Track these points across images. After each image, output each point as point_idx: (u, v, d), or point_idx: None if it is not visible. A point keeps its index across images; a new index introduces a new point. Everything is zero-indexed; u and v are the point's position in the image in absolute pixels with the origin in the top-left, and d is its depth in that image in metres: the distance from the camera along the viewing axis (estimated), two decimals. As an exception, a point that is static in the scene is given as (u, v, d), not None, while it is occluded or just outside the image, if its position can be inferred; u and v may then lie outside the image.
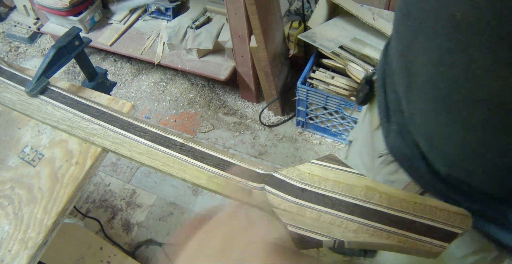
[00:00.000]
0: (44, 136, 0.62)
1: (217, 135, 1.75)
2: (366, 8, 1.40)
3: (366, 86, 0.60)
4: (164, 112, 1.85)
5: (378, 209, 0.44)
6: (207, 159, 0.53)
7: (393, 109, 0.48)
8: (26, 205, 0.56)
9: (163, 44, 1.76)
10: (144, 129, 0.57)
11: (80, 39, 0.69)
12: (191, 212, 1.55)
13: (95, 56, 2.10)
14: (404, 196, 0.45)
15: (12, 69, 0.67)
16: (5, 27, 2.25)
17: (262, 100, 1.83)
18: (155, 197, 1.60)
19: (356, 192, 0.45)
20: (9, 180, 0.58)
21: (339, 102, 1.41)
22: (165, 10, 1.81)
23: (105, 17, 1.88)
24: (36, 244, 0.53)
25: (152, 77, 1.99)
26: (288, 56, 1.72)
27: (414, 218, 0.43)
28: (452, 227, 0.42)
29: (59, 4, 1.71)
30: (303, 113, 1.60)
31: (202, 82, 1.94)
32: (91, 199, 1.61)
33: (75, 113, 0.61)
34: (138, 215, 1.56)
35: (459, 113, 0.32)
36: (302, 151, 1.68)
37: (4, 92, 0.64)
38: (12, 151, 0.61)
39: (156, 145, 0.55)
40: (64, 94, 0.63)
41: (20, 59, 2.15)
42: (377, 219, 0.43)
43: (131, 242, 1.49)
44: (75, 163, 0.59)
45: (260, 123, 1.77)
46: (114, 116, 0.59)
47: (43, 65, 0.64)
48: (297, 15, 1.64)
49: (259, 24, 1.34)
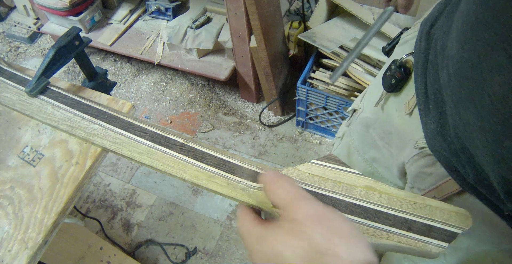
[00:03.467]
0: (44, 136, 0.62)
1: (217, 135, 1.75)
2: (366, 8, 1.40)
3: (400, 70, 0.54)
4: (164, 112, 1.85)
5: (378, 209, 0.44)
6: (207, 159, 0.53)
7: (434, 102, 0.44)
8: (26, 205, 0.56)
9: (163, 44, 1.76)
10: (144, 129, 0.57)
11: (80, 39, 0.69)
12: (191, 212, 1.55)
13: (95, 56, 2.10)
14: (404, 196, 0.45)
15: (12, 69, 0.67)
16: (5, 27, 2.25)
17: (262, 100, 1.83)
18: (155, 197, 1.60)
19: (356, 192, 0.45)
20: (9, 180, 0.58)
21: (339, 102, 1.41)
22: (165, 10, 1.81)
23: (105, 17, 1.88)
24: (36, 244, 0.53)
25: (152, 77, 1.99)
26: (288, 56, 1.72)
27: (414, 218, 0.43)
28: (452, 226, 0.42)
29: (59, 4, 1.71)
30: (303, 113, 1.60)
31: (202, 82, 1.94)
32: (91, 199, 1.61)
33: (75, 113, 0.61)
34: (138, 215, 1.56)
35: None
36: (302, 151, 1.68)
37: (4, 92, 0.64)
38: (12, 151, 0.61)
39: (156, 145, 0.55)
40: (64, 94, 0.63)
41: (20, 59, 2.15)
42: (377, 219, 0.43)
43: (131, 242, 1.49)
44: (75, 163, 0.59)
45: (260, 123, 1.77)
46: (114, 116, 0.59)
47: (43, 65, 0.64)
48: (297, 15, 1.64)
49: (259, 24, 1.34)
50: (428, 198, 0.44)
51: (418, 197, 0.44)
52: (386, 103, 0.60)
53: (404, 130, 0.55)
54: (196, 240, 1.48)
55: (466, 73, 0.33)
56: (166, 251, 1.46)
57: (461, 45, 0.33)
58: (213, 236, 1.49)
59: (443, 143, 0.43)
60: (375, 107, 0.63)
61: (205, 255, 1.45)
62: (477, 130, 0.33)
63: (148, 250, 1.47)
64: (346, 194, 0.45)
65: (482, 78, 0.30)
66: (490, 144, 0.32)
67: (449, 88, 0.38)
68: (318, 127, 1.66)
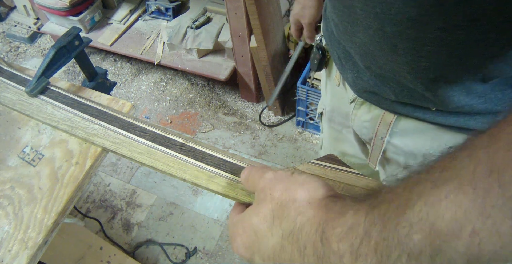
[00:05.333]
0: (44, 136, 0.62)
1: (217, 135, 1.75)
2: None
3: (318, 52, 0.69)
4: (164, 112, 1.85)
5: (378, 209, 0.44)
6: (207, 159, 0.53)
7: (344, 58, 0.56)
8: (26, 205, 0.56)
9: (163, 44, 1.76)
10: (144, 129, 0.57)
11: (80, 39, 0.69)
12: (191, 212, 1.55)
13: (95, 56, 2.10)
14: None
15: (12, 69, 0.68)
16: (5, 27, 2.25)
17: (262, 100, 1.83)
18: (155, 197, 1.60)
19: (356, 192, 0.46)
20: (9, 180, 0.58)
21: (339, 102, 1.41)
22: (165, 10, 1.81)
23: (105, 17, 1.88)
24: (36, 244, 0.53)
25: (152, 77, 1.99)
26: (288, 56, 1.72)
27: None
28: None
29: (59, 4, 1.71)
30: (303, 113, 1.60)
31: (202, 82, 1.94)
32: (91, 199, 1.61)
33: (75, 113, 0.61)
34: (138, 215, 1.56)
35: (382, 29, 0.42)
36: (302, 151, 1.68)
37: (4, 92, 0.64)
38: (12, 151, 0.61)
39: (156, 145, 0.55)
40: (64, 94, 0.63)
41: (20, 59, 2.15)
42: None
43: (131, 242, 1.49)
44: (75, 163, 0.59)
45: (260, 123, 1.77)
46: (114, 116, 0.60)
47: (43, 65, 0.64)
48: (297, 15, 1.64)
49: (259, 24, 1.34)
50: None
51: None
52: (326, 86, 0.73)
53: (343, 98, 0.65)
54: (196, 240, 1.48)
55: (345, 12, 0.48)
56: (166, 251, 1.46)
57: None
58: (213, 236, 1.49)
59: (360, 80, 0.54)
60: (325, 89, 0.74)
61: (205, 255, 1.45)
62: (364, 45, 0.48)
63: (148, 250, 1.48)
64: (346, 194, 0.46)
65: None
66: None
67: (339, 27, 0.53)
68: (318, 127, 1.66)
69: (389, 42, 0.44)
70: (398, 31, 0.41)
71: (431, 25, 0.38)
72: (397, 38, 0.42)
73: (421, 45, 0.41)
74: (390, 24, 0.41)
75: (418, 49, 0.42)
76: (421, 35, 0.40)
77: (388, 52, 0.45)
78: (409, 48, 0.42)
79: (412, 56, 0.43)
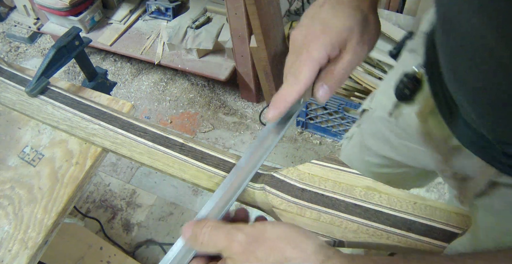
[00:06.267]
0: (44, 136, 0.62)
1: (217, 135, 1.75)
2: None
3: (412, 82, 0.57)
4: (164, 112, 1.85)
5: (378, 209, 0.44)
6: (207, 159, 0.53)
7: (452, 100, 0.47)
8: (26, 205, 0.56)
9: (163, 44, 1.76)
10: (144, 129, 0.57)
11: (80, 39, 0.69)
12: (191, 212, 1.55)
13: (95, 56, 2.10)
14: (404, 196, 0.45)
15: (12, 69, 0.68)
16: (5, 27, 2.25)
17: (262, 100, 1.83)
18: (155, 197, 1.60)
19: (356, 192, 0.46)
20: (9, 180, 0.58)
21: (339, 102, 1.41)
22: (165, 10, 1.81)
23: (105, 17, 1.88)
24: (36, 244, 0.53)
25: (152, 77, 1.99)
26: (288, 56, 1.72)
27: (414, 218, 0.43)
28: (452, 227, 0.42)
29: (59, 4, 1.71)
30: (303, 113, 1.60)
31: (202, 82, 1.94)
32: (91, 199, 1.61)
33: (75, 113, 0.61)
34: (138, 215, 1.56)
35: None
36: (302, 151, 1.68)
37: (4, 92, 0.64)
38: (12, 151, 0.61)
39: (156, 145, 0.55)
40: (64, 94, 0.63)
41: (20, 59, 2.15)
42: (377, 219, 0.44)
43: (131, 242, 1.49)
44: (75, 163, 0.59)
45: (260, 123, 1.77)
46: (114, 116, 0.60)
47: (43, 65, 0.64)
48: (297, 15, 1.65)
49: (259, 24, 1.34)
50: (428, 198, 0.44)
51: (418, 197, 0.45)
52: (399, 109, 0.63)
53: (422, 132, 0.58)
54: (196, 240, 1.48)
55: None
56: (166, 251, 1.46)
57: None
58: (213, 236, 1.49)
59: (469, 131, 0.45)
60: (390, 117, 0.65)
61: (205, 255, 1.45)
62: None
63: (148, 250, 1.47)
64: (346, 194, 0.46)
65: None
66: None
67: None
68: (318, 127, 1.66)
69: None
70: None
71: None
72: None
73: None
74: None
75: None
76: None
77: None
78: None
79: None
